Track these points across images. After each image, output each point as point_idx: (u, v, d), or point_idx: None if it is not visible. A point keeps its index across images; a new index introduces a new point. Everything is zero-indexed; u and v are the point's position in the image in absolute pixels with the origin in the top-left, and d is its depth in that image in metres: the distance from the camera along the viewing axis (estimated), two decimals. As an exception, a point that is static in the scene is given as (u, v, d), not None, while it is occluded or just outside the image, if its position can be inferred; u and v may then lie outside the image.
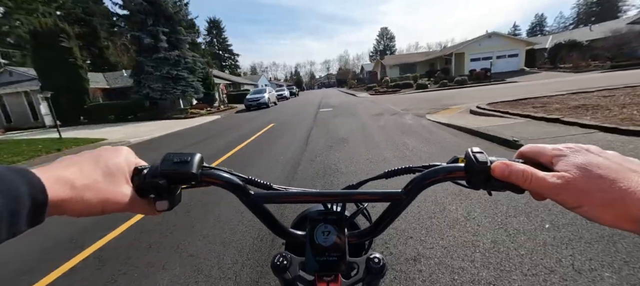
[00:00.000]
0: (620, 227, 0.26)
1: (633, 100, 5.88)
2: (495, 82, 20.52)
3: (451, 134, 5.37)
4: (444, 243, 1.95)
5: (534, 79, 19.63)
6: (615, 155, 0.29)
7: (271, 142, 6.50)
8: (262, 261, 1.98)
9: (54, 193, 0.27)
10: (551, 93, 8.72)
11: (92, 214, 0.31)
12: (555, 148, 0.32)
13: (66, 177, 0.29)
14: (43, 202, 0.26)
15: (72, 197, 0.29)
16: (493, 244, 1.88)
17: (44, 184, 0.26)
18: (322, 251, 0.43)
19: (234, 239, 2.32)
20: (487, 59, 27.58)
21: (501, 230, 2.03)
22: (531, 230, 1.98)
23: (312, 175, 3.78)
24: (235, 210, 2.82)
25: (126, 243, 2.45)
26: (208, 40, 76.43)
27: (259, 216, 0.44)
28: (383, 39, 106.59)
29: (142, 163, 0.39)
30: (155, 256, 2.19)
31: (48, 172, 0.28)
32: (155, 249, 2.30)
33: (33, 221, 0.26)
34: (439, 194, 2.66)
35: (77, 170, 0.31)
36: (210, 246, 2.26)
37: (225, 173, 0.41)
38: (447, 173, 0.38)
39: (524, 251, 1.77)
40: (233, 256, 2.09)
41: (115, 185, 0.33)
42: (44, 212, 0.26)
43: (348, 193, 0.43)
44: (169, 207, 0.38)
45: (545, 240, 1.85)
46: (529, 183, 0.31)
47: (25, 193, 0.24)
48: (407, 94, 18.66)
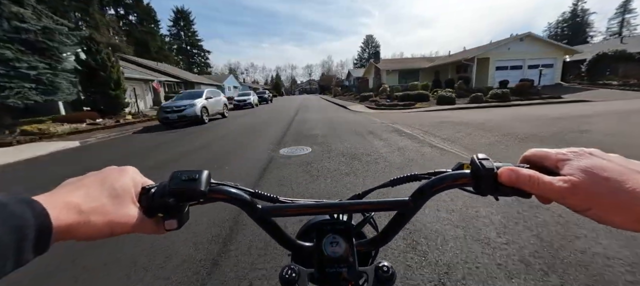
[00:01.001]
0: (632, 229, 0.26)
1: None
2: (550, 99, 13.87)
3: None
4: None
5: (604, 97, 13.17)
6: (618, 158, 0.29)
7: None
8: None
9: (60, 219, 0.27)
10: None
11: (100, 237, 0.31)
12: (560, 153, 0.32)
13: (72, 202, 0.29)
14: (48, 229, 0.25)
15: (79, 222, 0.28)
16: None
17: (49, 211, 0.26)
18: (331, 262, 0.42)
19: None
20: (516, 68, 21.27)
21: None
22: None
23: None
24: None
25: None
26: (173, 33, 66.19)
27: (267, 229, 0.43)
28: (368, 46, 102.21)
29: (149, 182, 0.38)
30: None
31: (54, 197, 0.28)
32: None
33: (39, 250, 0.25)
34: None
35: (84, 193, 0.30)
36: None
37: (232, 189, 0.41)
38: (453, 180, 0.37)
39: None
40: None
41: (123, 207, 0.33)
42: (49, 240, 0.26)
43: (357, 203, 0.43)
44: (178, 226, 0.37)
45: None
46: (536, 188, 0.30)
47: (31, 222, 0.24)
48: (434, 112, 11.31)
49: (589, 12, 61.73)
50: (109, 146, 7.64)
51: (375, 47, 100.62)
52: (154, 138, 8.20)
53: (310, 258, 0.44)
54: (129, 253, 2.10)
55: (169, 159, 5.39)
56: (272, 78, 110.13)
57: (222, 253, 2.06)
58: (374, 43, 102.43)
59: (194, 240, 2.24)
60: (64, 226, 0.27)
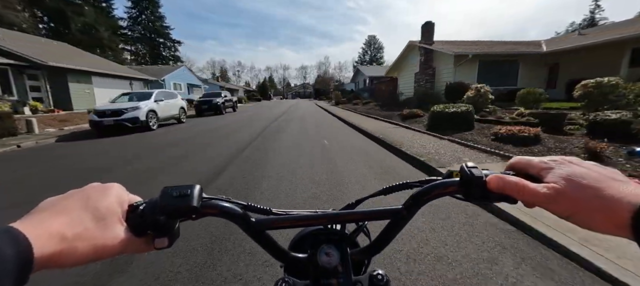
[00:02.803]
0: (611, 233, 0.26)
1: None
2: None
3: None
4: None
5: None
6: (595, 165, 0.30)
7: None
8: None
9: (42, 249, 0.24)
10: None
11: (86, 263, 0.28)
12: (542, 161, 0.33)
13: (55, 230, 0.26)
14: (30, 261, 0.23)
15: (62, 250, 0.26)
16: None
17: (32, 241, 0.23)
18: (326, 273, 0.42)
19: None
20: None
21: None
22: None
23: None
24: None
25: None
26: (133, 15, 51.94)
27: (260, 243, 0.42)
28: (370, 48, 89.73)
29: (137, 199, 0.36)
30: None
31: (34, 224, 0.26)
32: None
33: (18, 283, 0.23)
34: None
35: (66, 219, 0.28)
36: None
37: (225, 203, 0.39)
38: (444, 188, 0.38)
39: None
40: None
41: (109, 230, 0.30)
42: (30, 271, 0.23)
43: (351, 213, 0.43)
44: (169, 244, 0.35)
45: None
46: (522, 194, 0.31)
47: (11, 255, 0.22)
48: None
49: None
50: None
51: (378, 49, 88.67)
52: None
53: (304, 270, 0.44)
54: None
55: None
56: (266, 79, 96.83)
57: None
58: (377, 44, 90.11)
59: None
60: (47, 255, 0.24)
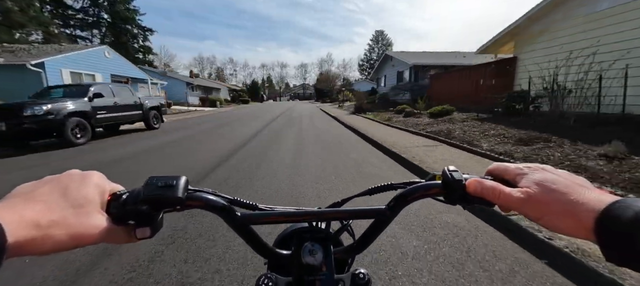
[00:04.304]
0: (577, 236, 0.27)
1: None
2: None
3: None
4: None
5: None
6: (565, 173, 0.32)
7: None
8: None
9: (16, 235, 0.23)
10: None
11: (64, 250, 0.28)
12: (517, 168, 0.35)
13: (29, 216, 0.25)
14: (2, 247, 0.22)
15: (36, 237, 0.25)
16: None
17: (4, 227, 0.22)
18: (309, 270, 0.42)
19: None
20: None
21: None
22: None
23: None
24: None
25: None
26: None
27: (244, 237, 0.41)
28: (378, 43, 79.10)
29: (119, 188, 0.35)
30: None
31: (7, 209, 0.25)
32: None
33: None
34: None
35: (42, 206, 0.27)
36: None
37: (210, 196, 0.39)
38: (426, 190, 0.39)
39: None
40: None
41: (87, 218, 0.29)
42: (2, 257, 0.22)
43: (335, 211, 0.43)
44: (151, 234, 0.34)
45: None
46: (498, 198, 0.33)
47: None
48: None
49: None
50: None
51: (386, 46, 78.11)
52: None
53: (287, 267, 0.44)
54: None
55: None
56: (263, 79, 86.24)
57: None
58: (386, 40, 79.61)
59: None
60: (21, 242, 0.24)
